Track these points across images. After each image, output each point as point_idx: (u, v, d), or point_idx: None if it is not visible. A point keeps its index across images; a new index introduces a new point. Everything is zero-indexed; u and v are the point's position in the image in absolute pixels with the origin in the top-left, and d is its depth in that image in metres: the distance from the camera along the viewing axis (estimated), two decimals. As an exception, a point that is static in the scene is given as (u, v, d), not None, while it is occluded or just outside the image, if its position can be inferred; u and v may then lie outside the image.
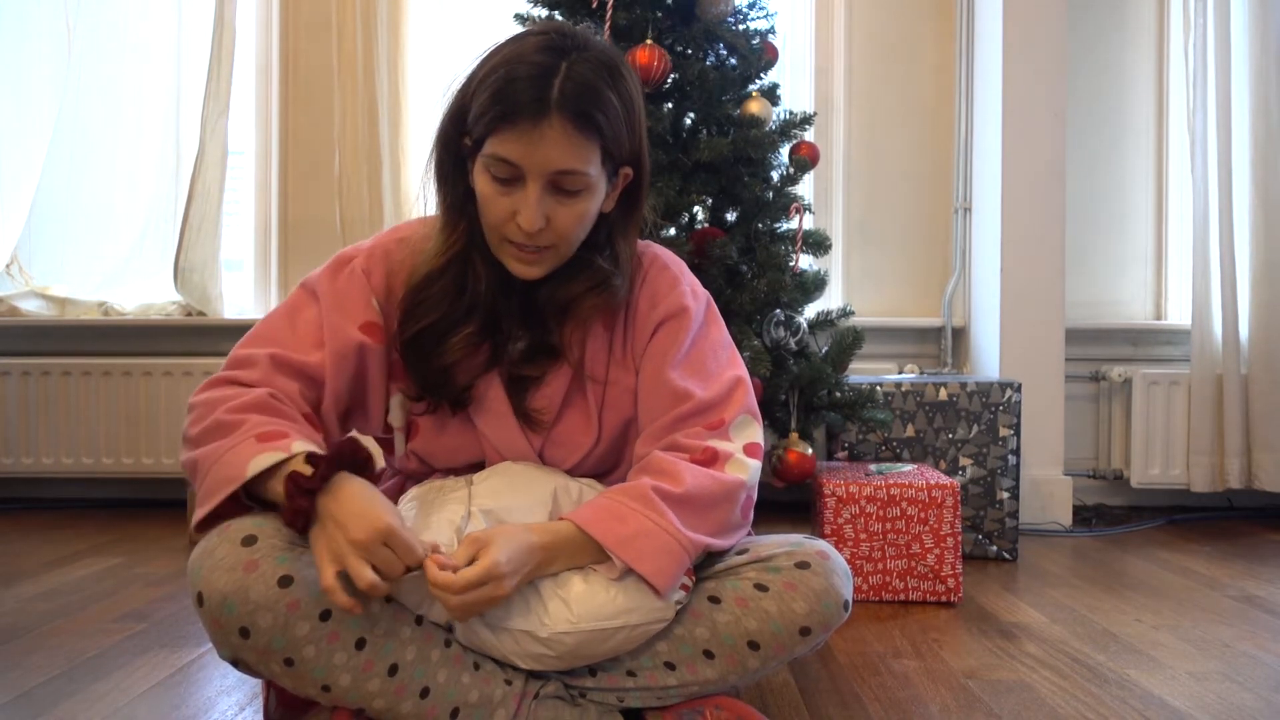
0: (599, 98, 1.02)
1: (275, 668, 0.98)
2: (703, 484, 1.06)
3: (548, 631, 1.01)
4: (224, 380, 1.07)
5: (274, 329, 1.11)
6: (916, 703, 1.34)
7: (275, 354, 1.07)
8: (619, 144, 1.06)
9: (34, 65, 2.82)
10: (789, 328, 1.97)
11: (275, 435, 0.99)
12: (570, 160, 1.02)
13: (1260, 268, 2.67)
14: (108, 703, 1.30)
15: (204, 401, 1.04)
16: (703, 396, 1.12)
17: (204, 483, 0.99)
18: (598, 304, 1.12)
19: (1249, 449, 2.67)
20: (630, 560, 1.01)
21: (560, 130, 1.00)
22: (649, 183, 1.15)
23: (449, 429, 1.16)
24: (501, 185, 1.04)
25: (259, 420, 1.00)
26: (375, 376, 1.13)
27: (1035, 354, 2.57)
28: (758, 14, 2.09)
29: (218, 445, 0.99)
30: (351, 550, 0.92)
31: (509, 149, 1.01)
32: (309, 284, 1.14)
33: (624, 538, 1.01)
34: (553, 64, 1.01)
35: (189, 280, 2.72)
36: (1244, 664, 1.51)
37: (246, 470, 0.96)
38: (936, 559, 1.85)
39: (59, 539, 2.36)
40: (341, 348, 1.09)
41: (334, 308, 1.11)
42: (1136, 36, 2.87)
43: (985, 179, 2.70)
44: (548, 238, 1.06)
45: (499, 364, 1.14)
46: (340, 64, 2.75)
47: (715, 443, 1.10)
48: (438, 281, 1.11)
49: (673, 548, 1.02)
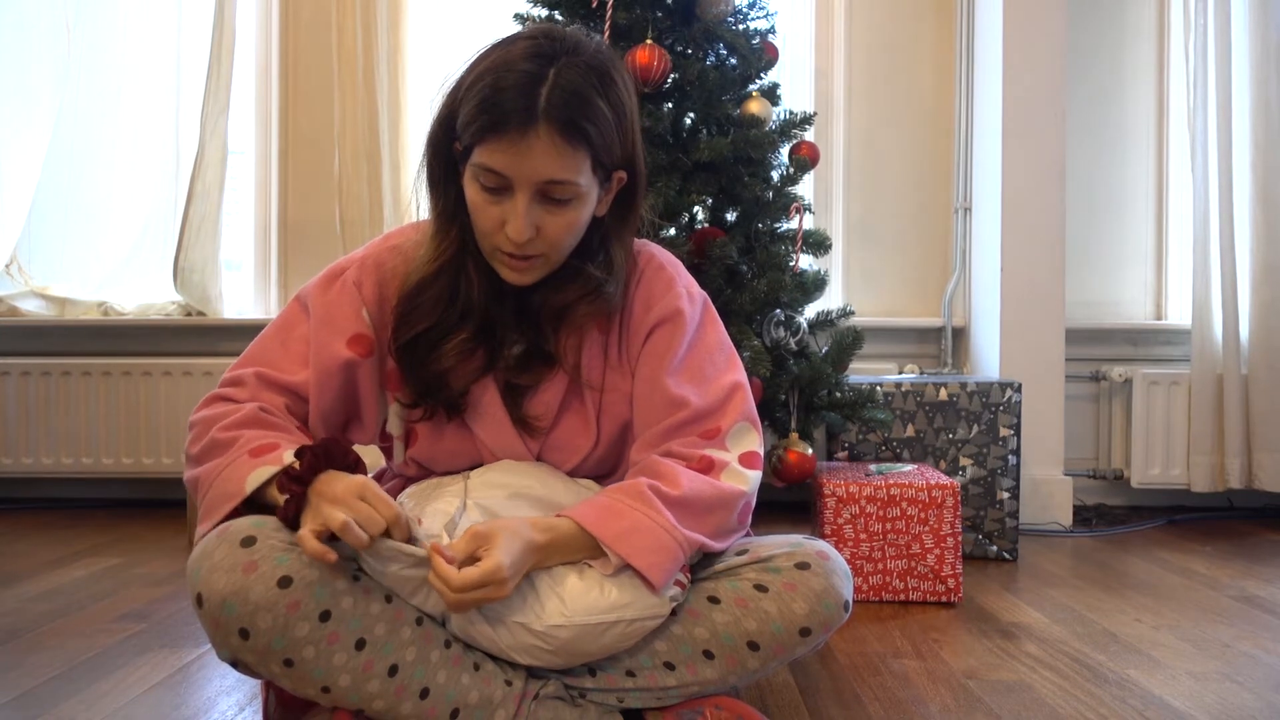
0: (587, 105, 1.01)
1: (275, 669, 0.98)
2: (700, 489, 1.06)
3: (543, 624, 1.01)
4: (217, 398, 1.11)
5: (265, 348, 1.14)
6: (916, 703, 1.34)
7: (261, 372, 1.11)
8: (609, 151, 1.05)
9: (34, 65, 2.82)
10: (789, 328, 1.97)
11: (268, 448, 1.02)
12: (559, 170, 1.01)
13: (1260, 268, 2.67)
14: (108, 703, 1.30)
15: (200, 420, 1.08)
16: (699, 405, 1.11)
17: (205, 499, 1.03)
18: (591, 311, 1.12)
19: (1249, 449, 2.67)
20: (625, 554, 1.01)
21: (548, 140, 0.99)
22: (645, 186, 1.14)
23: (447, 435, 1.17)
24: (490, 194, 1.03)
25: (252, 435, 1.04)
26: (367, 388, 1.14)
27: (1035, 354, 2.57)
28: (758, 14, 2.09)
29: (215, 464, 1.03)
30: (329, 505, 0.95)
31: (496, 159, 1.01)
32: (302, 297, 1.15)
33: (619, 533, 1.02)
34: (540, 72, 1.00)
35: (189, 280, 2.72)
36: (1244, 664, 1.51)
37: (245, 486, 1.00)
38: (936, 559, 1.85)
39: (59, 539, 2.36)
40: (327, 365, 1.10)
41: (322, 324, 1.12)
42: (1136, 36, 2.87)
43: (985, 179, 2.70)
44: (538, 246, 1.05)
45: (494, 369, 1.14)
46: (340, 64, 2.74)
47: (711, 452, 1.10)
48: (430, 288, 1.11)
49: (667, 543, 1.02)
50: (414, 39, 2.78)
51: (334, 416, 1.13)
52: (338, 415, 1.14)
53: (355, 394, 1.14)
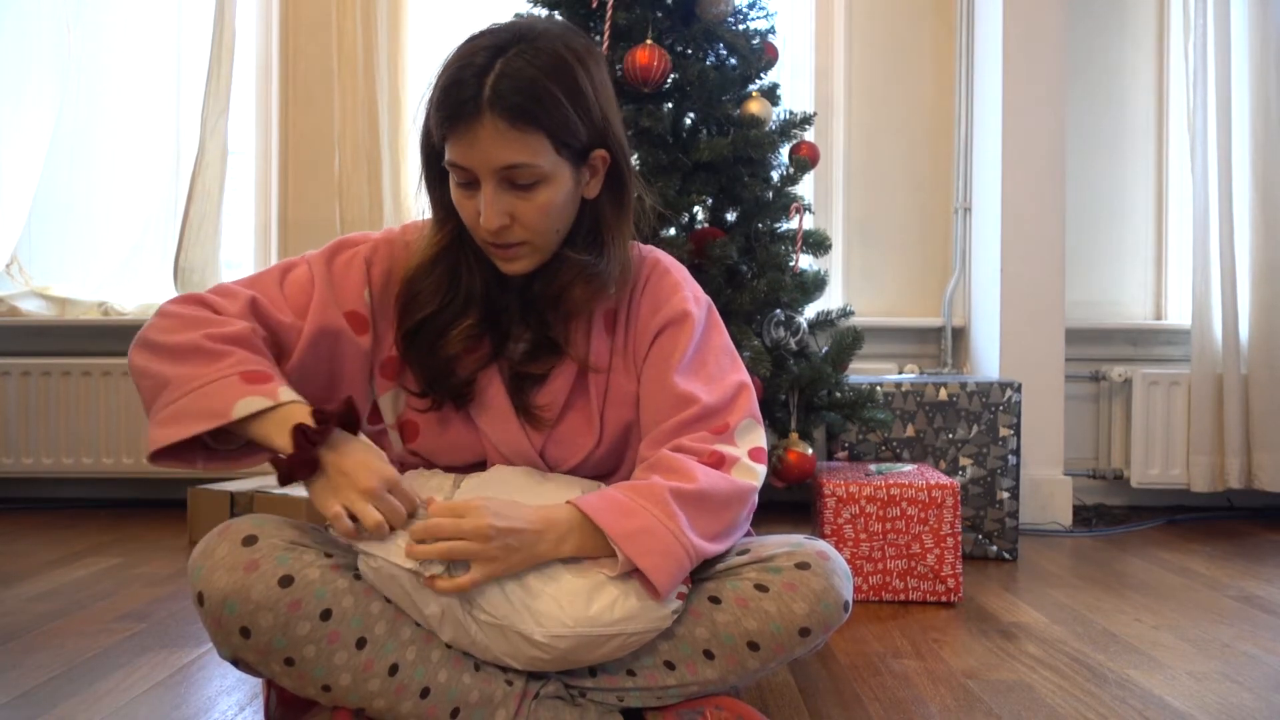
0: (533, 89, 1.00)
1: (276, 667, 0.98)
2: (716, 484, 1.06)
3: (543, 634, 1.00)
4: (199, 300, 1.06)
5: (263, 281, 1.12)
6: (916, 703, 1.34)
7: (257, 299, 1.08)
8: (570, 132, 1.04)
9: (34, 65, 2.82)
10: (789, 328, 1.97)
11: (261, 378, 0.99)
12: (511, 155, 1.01)
13: (1260, 268, 2.67)
14: (108, 703, 1.30)
15: (179, 315, 1.03)
16: (708, 401, 1.11)
17: (174, 404, 0.97)
18: (587, 293, 1.11)
19: (1249, 449, 2.67)
20: (632, 555, 1.00)
21: (493, 128, 1.00)
22: (630, 163, 1.14)
23: (451, 426, 1.16)
24: (464, 189, 1.05)
25: (244, 357, 1.00)
26: (349, 369, 1.13)
27: (1035, 354, 2.57)
28: (758, 14, 2.09)
29: (197, 371, 0.98)
30: (360, 497, 0.96)
31: (456, 153, 1.03)
32: (306, 258, 1.15)
33: (629, 532, 1.00)
34: (488, 63, 1.01)
35: (189, 280, 2.72)
36: (1244, 664, 1.51)
37: (232, 411, 0.96)
38: (936, 559, 1.85)
39: (59, 539, 2.36)
40: (324, 324, 1.09)
41: (328, 285, 1.11)
42: (1136, 36, 2.87)
43: (985, 179, 2.70)
44: (517, 234, 1.06)
45: (500, 359, 1.14)
46: (340, 64, 2.75)
47: (721, 447, 1.10)
48: (430, 275, 1.12)
49: (676, 551, 1.01)
50: (414, 39, 2.78)
51: (312, 377, 1.11)
52: (316, 378, 1.11)
53: (337, 368, 1.13)
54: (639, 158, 1.93)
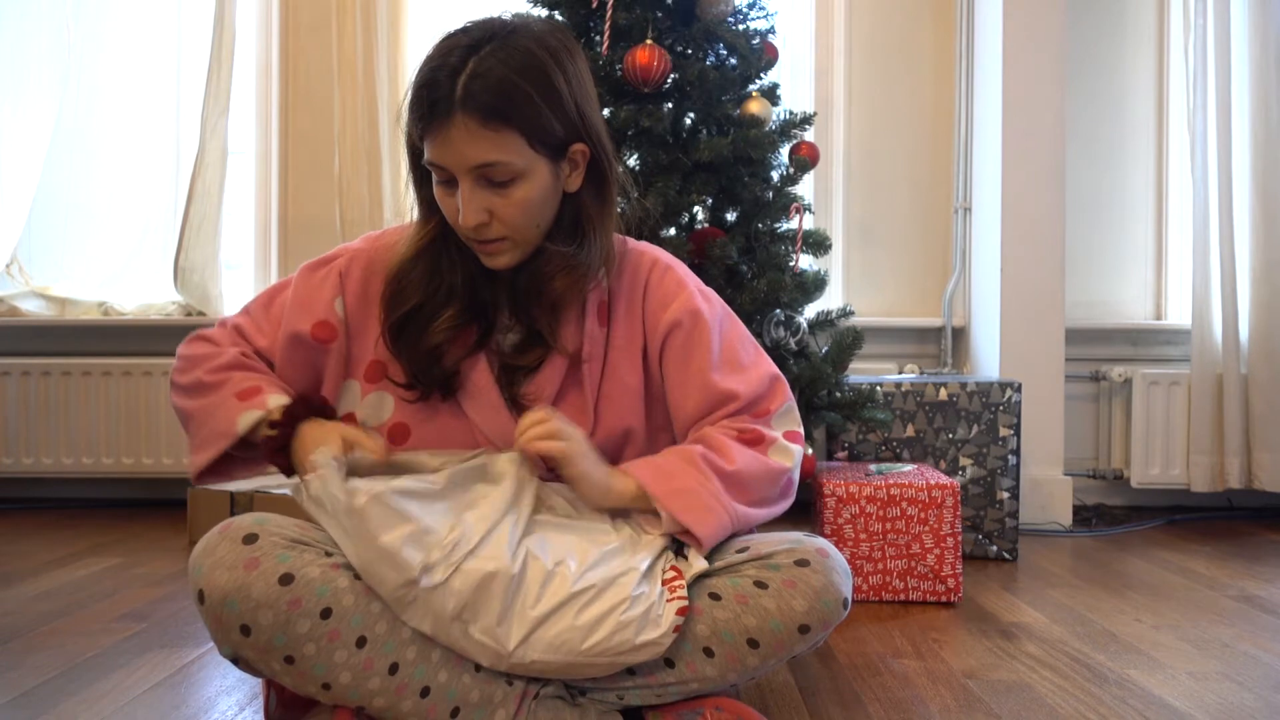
0: (504, 87, 1.02)
1: (276, 665, 0.98)
2: (749, 464, 1.12)
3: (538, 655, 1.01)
4: (201, 338, 1.21)
5: (254, 305, 1.23)
6: (916, 703, 1.34)
7: (240, 326, 1.21)
8: (544, 128, 1.05)
9: (34, 65, 2.82)
10: (789, 328, 1.97)
11: (252, 392, 1.12)
12: (484, 153, 1.03)
13: (1260, 268, 2.67)
14: (108, 703, 1.30)
15: (188, 356, 1.18)
16: (747, 394, 1.17)
17: (199, 434, 1.14)
18: (567, 283, 1.13)
19: (1249, 449, 2.67)
20: (675, 511, 1.07)
21: (464, 127, 1.02)
22: (611, 156, 1.15)
23: (440, 415, 1.17)
24: (444, 186, 1.08)
25: (238, 379, 1.14)
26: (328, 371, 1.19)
27: (1035, 354, 2.57)
28: (758, 14, 2.09)
29: (206, 402, 1.13)
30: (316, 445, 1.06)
31: (433, 152, 1.05)
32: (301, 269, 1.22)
33: (672, 490, 1.09)
34: (460, 63, 1.03)
35: (189, 280, 2.72)
36: (1244, 664, 1.51)
37: (236, 428, 1.10)
38: (936, 559, 1.85)
39: (59, 539, 2.36)
40: (288, 340, 1.17)
41: (296, 304, 1.18)
42: (1136, 36, 2.87)
43: (985, 179, 2.70)
44: (497, 230, 1.08)
45: (486, 347, 1.15)
46: (340, 64, 2.75)
47: (759, 426, 1.16)
48: (414, 269, 1.14)
49: (716, 508, 1.09)
50: (414, 39, 2.78)
51: (297, 380, 1.18)
52: (303, 380, 1.19)
53: (318, 374, 1.19)
54: (639, 158, 1.93)
